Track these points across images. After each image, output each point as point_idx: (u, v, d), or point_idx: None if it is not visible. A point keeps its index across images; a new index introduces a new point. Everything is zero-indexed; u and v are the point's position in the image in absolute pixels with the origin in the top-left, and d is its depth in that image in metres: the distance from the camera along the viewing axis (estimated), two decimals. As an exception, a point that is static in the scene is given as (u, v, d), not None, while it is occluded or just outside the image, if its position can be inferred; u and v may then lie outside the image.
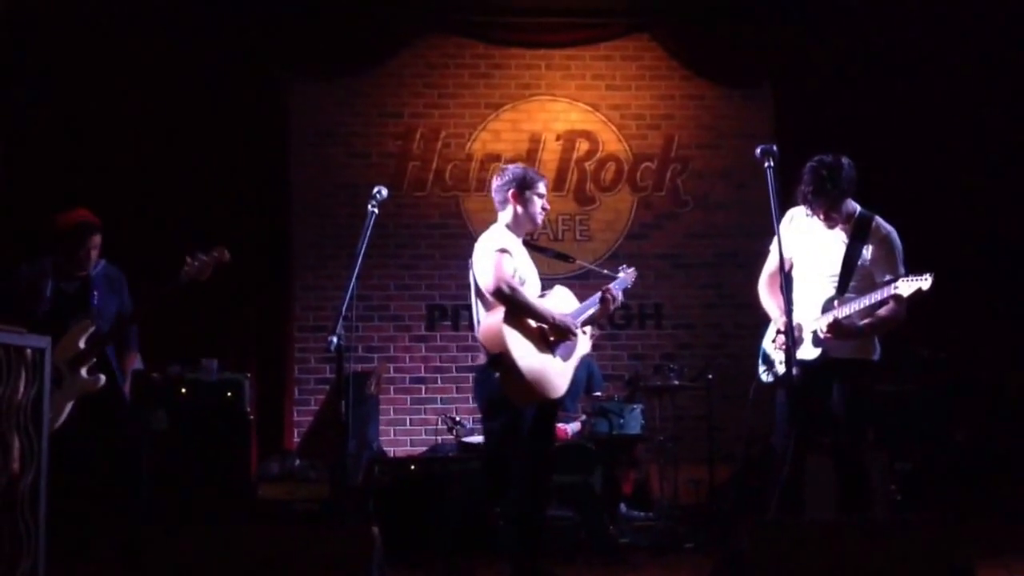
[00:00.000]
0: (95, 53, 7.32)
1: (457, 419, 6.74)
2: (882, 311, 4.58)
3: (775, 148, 4.38)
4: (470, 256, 4.84)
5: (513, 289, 4.60)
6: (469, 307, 7.72)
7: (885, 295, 4.48)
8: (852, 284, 4.64)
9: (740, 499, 6.55)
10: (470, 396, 7.76)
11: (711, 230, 8.14)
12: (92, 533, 5.47)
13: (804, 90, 7.96)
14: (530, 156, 8.08)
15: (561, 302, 4.88)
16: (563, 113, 8.18)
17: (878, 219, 4.71)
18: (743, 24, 8.00)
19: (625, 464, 6.80)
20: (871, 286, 4.58)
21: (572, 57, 8.20)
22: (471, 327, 4.96)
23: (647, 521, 6.47)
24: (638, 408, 6.50)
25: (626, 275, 5.21)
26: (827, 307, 4.62)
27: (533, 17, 8.11)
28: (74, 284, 5.38)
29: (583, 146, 8.14)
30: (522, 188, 4.81)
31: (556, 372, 4.73)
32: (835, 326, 4.53)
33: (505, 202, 4.85)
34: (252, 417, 6.75)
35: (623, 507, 6.52)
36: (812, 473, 4.85)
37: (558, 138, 8.13)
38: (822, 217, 4.70)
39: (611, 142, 8.17)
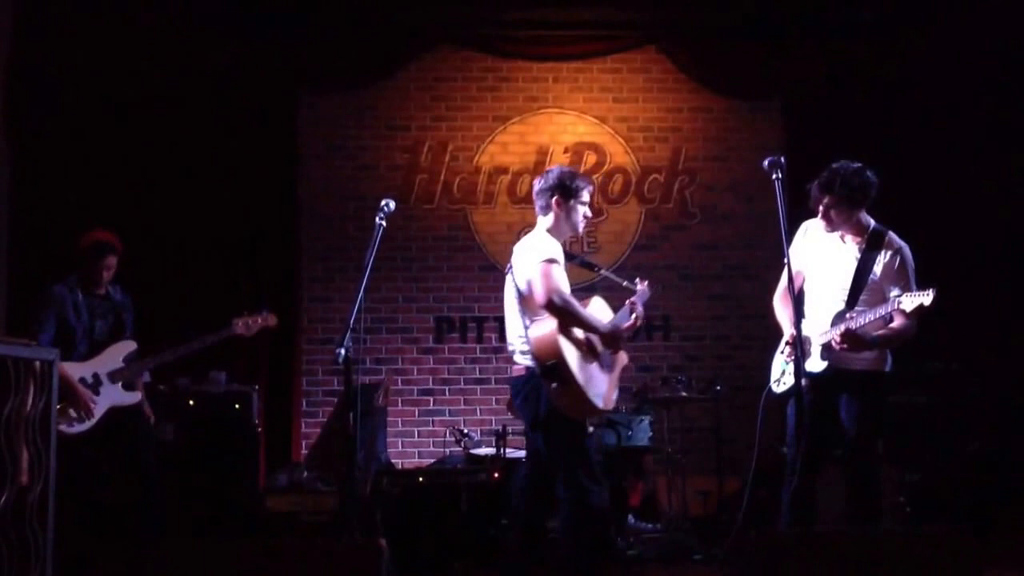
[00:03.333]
0: (104, 65, 7.34)
1: (465, 431, 6.74)
2: (893, 324, 4.57)
3: (783, 160, 4.37)
4: (500, 265, 4.78)
5: (565, 300, 4.45)
6: (478, 319, 7.99)
7: (889, 309, 4.47)
8: (863, 298, 4.63)
9: (749, 511, 6.53)
10: (476, 407, 7.79)
11: (719, 242, 8.14)
12: (100, 544, 5.48)
13: (813, 102, 7.96)
14: (538, 169, 8.06)
15: (600, 312, 4.74)
16: (571, 125, 8.19)
17: (891, 234, 4.70)
18: (752, 37, 8.01)
19: (633, 475, 6.78)
20: (882, 300, 4.56)
21: (580, 70, 8.21)
22: (502, 337, 4.83)
23: (655, 533, 6.46)
24: (646, 420, 6.50)
25: (643, 289, 5.05)
26: (837, 320, 4.61)
27: (541, 30, 8.12)
28: (99, 304, 5.51)
29: (591, 158, 8.14)
30: (566, 196, 4.64)
31: (606, 384, 4.62)
32: (847, 336, 4.51)
33: (547, 208, 4.67)
34: (260, 429, 6.77)
35: (631, 519, 6.51)
36: (824, 485, 4.84)
37: (566, 150, 8.14)
38: (820, 213, 4.69)
39: (618, 154, 8.17)
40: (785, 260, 4.50)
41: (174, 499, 5.87)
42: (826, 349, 4.62)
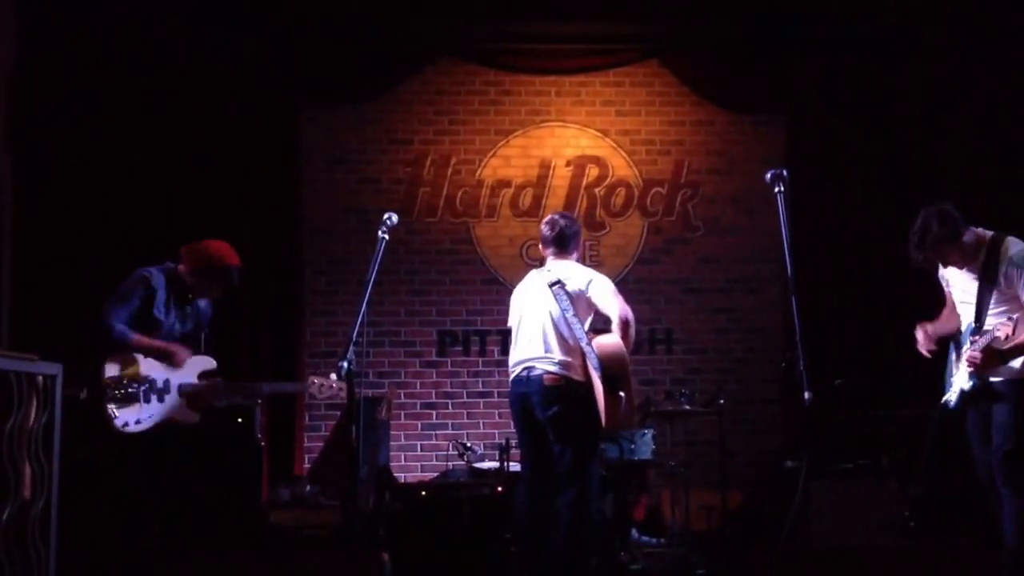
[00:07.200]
0: (105, 80, 7.34)
1: (468, 444, 6.73)
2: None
3: (785, 173, 4.37)
4: (502, 278, 5.00)
5: (634, 321, 4.94)
6: (481, 332, 7.96)
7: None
8: (1000, 310, 4.60)
9: (752, 525, 6.51)
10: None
11: (722, 255, 8.12)
12: (103, 560, 5.44)
13: (815, 116, 7.97)
14: (540, 182, 8.09)
15: None
16: (573, 139, 8.19)
17: (1009, 239, 4.70)
18: (754, 50, 8.01)
19: (636, 489, 6.76)
20: (1019, 307, 4.56)
21: (582, 83, 8.21)
22: (504, 351, 4.98)
23: (659, 547, 6.42)
24: (649, 433, 6.46)
25: None
26: (969, 339, 4.67)
27: (543, 44, 8.13)
28: (188, 309, 5.28)
29: (593, 172, 8.15)
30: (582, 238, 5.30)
31: None
32: (972, 359, 4.59)
33: (579, 247, 5.24)
34: (263, 443, 6.74)
35: (634, 533, 6.47)
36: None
37: (568, 164, 8.14)
38: (941, 266, 4.84)
39: (621, 168, 8.18)
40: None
41: (176, 513, 5.84)
42: (970, 365, 4.65)
